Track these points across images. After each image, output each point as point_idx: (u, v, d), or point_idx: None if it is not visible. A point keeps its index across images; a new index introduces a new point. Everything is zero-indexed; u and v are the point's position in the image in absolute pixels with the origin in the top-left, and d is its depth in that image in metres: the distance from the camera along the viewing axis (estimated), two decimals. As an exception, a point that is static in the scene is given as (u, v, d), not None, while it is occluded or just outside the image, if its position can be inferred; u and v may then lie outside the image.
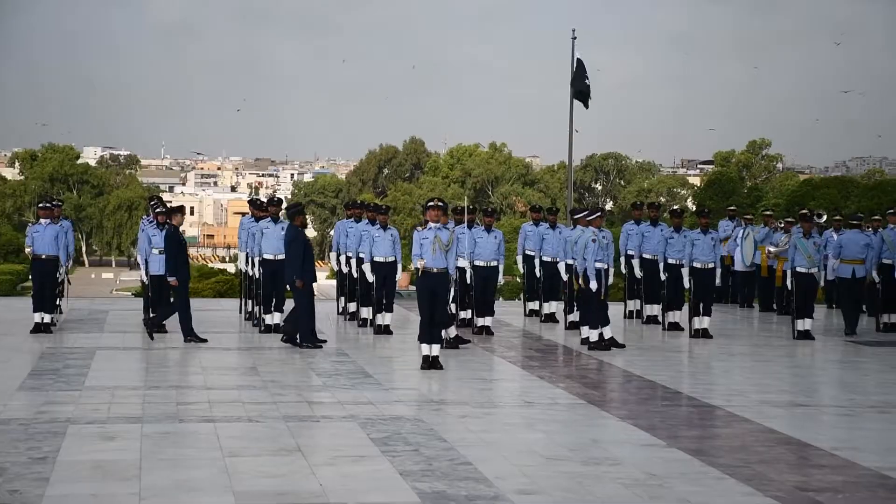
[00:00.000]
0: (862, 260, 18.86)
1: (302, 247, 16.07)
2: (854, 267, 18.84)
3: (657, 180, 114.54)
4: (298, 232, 16.22)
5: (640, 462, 9.00)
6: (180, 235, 16.77)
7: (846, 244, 18.81)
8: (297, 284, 15.92)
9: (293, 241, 16.11)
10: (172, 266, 16.55)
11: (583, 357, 15.55)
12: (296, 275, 15.96)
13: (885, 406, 11.85)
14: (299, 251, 16.02)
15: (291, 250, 16.11)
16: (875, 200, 55.23)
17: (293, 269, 16.03)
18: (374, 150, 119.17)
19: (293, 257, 16.07)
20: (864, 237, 19.09)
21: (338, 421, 10.51)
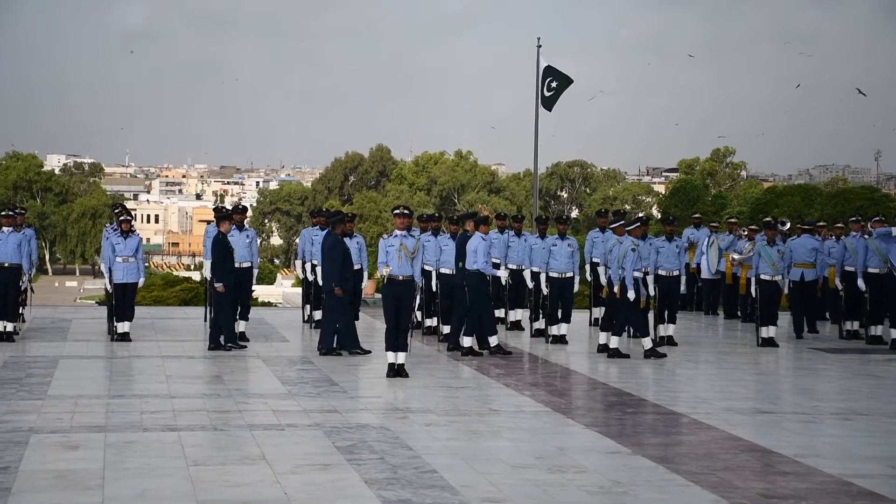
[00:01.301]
0: (811, 264, 19.24)
1: (341, 255, 16.12)
2: (803, 271, 19.23)
3: (622, 188, 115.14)
4: (338, 240, 16.25)
5: (605, 470, 9.01)
6: (227, 242, 16.71)
7: (795, 248, 19.16)
8: (336, 292, 15.98)
9: (332, 249, 16.16)
10: (219, 272, 16.50)
11: (548, 365, 15.57)
12: (334, 282, 16.01)
13: (848, 413, 11.93)
14: (338, 259, 16.07)
15: (330, 257, 16.15)
16: (838, 208, 55.60)
17: (332, 277, 16.08)
18: (339, 157, 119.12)
19: (332, 264, 16.11)
20: (814, 242, 19.42)
21: (303, 429, 10.47)
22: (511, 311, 19.73)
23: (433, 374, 14.29)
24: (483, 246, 16.07)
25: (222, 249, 16.55)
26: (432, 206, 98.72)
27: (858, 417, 11.66)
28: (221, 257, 16.53)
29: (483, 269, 16.10)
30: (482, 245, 16.07)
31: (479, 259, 16.02)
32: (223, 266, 16.53)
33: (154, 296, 34.35)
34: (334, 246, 16.13)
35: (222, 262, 16.51)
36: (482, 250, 16.05)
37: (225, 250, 16.54)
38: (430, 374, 14.26)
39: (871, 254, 18.12)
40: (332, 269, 16.07)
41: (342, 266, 16.04)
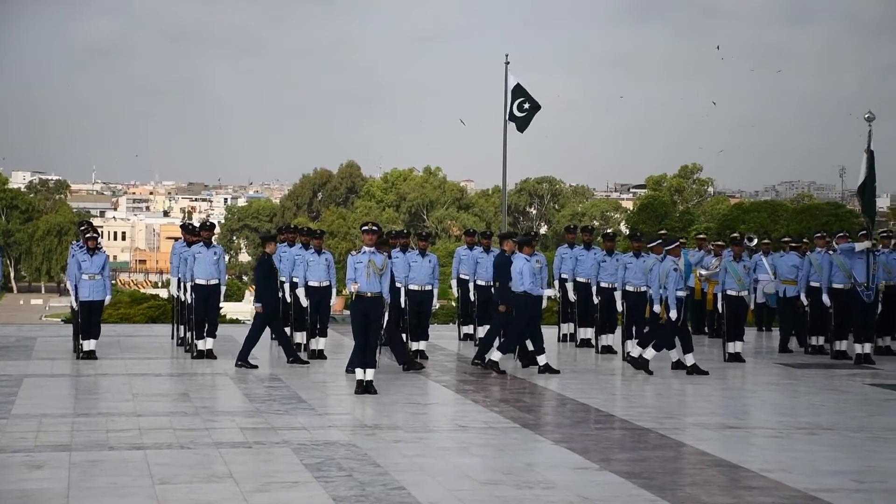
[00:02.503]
0: (793, 280, 19.53)
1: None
2: (786, 287, 19.86)
3: (591, 204, 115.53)
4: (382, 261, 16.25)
5: (573, 485, 9.02)
6: (272, 263, 16.70)
7: (780, 265, 19.62)
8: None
9: None
10: (261, 292, 16.50)
11: (517, 381, 15.59)
12: None
13: (814, 427, 12.00)
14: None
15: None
16: (803, 224, 56.11)
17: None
18: (308, 174, 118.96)
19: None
20: (796, 259, 19.70)
21: (271, 447, 10.42)
22: (480, 327, 19.72)
23: (402, 391, 14.28)
24: (528, 267, 16.13)
25: (266, 270, 16.58)
26: (401, 222, 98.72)
27: (824, 432, 11.74)
28: (264, 279, 16.56)
29: (530, 291, 16.13)
30: (527, 266, 16.13)
31: (526, 281, 16.08)
32: (265, 288, 16.56)
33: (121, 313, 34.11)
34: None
35: (265, 284, 16.54)
36: (528, 272, 16.10)
37: (268, 271, 16.57)
38: (399, 391, 14.25)
39: (836, 269, 18.26)
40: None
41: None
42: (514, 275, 16.16)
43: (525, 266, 16.10)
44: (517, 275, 16.13)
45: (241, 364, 16.31)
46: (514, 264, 16.24)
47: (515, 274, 16.15)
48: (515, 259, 16.29)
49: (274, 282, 16.81)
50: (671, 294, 16.18)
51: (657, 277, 16.34)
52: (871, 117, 18.41)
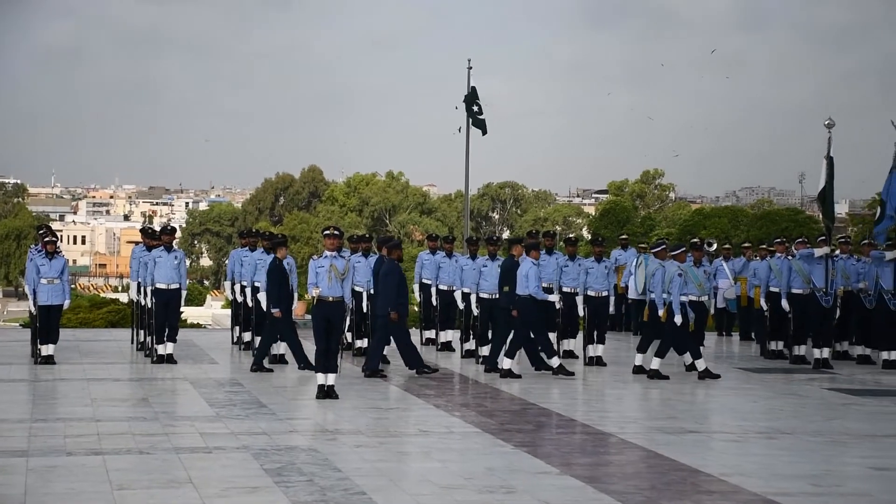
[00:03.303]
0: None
1: (397, 280, 16.21)
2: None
3: (553, 209, 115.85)
4: (395, 265, 16.36)
5: (534, 490, 9.04)
6: (284, 268, 16.65)
7: (760, 270, 19.61)
8: (392, 317, 16.07)
9: (389, 275, 16.23)
10: (276, 297, 16.42)
11: (479, 385, 15.60)
12: (390, 307, 16.09)
13: (772, 432, 12.09)
14: (394, 284, 16.17)
15: (387, 283, 16.22)
16: (763, 230, 56.45)
17: (387, 302, 16.14)
18: (270, 178, 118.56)
19: (387, 289, 16.20)
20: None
21: (231, 452, 10.37)
22: (442, 332, 19.75)
23: (363, 396, 14.26)
24: (534, 271, 16.19)
25: (278, 275, 16.58)
26: (364, 227, 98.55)
27: (782, 436, 11.82)
28: (277, 283, 16.57)
29: (535, 294, 16.18)
30: (533, 270, 16.18)
31: (531, 284, 16.13)
32: (279, 292, 16.54)
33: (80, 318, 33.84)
34: (390, 272, 16.28)
35: (278, 289, 16.53)
36: (533, 275, 16.15)
37: (281, 276, 16.56)
38: (361, 396, 14.22)
39: (795, 275, 18.40)
40: (387, 294, 16.21)
41: (398, 291, 16.20)
42: (520, 278, 16.25)
43: (531, 270, 16.17)
44: (523, 278, 16.21)
45: (305, 367, 16.29)
46: (521, 268, 16.32)
47: (521, 277, 16.24)
48: (522, 263, 16.38)
49: (287, 286, 16.78)
50: (675, 298, 16.26)
51: (660, 282, 16.41)
52: (831, 124, 18.58)
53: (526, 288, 16.15)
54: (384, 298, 16.27)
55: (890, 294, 18.25)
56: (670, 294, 16.27)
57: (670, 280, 16.27)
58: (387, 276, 16.26)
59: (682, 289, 16.29)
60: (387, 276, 16.26)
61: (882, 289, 18.31)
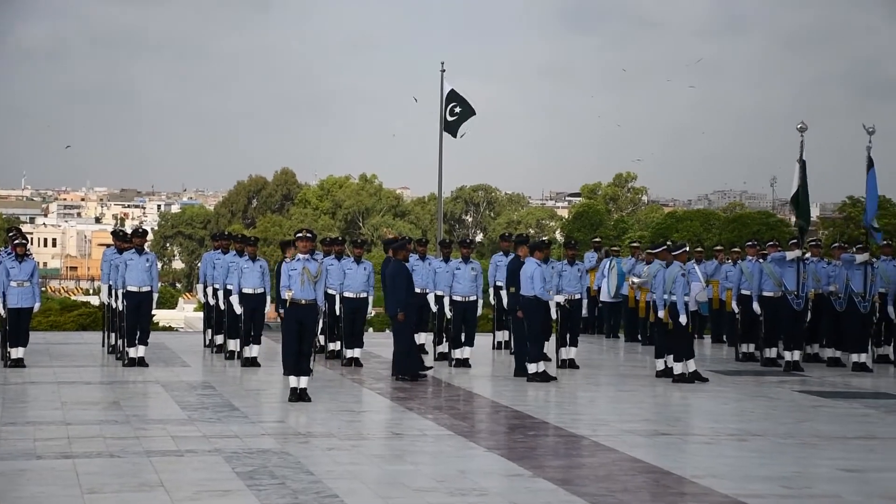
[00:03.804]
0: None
1: (405, 281, 16.21)
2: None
3: (526, 212, 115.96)
4: (401, 266, 16.33)
5: (506, 492, 9.05)
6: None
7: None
8: (399, 317, 16.07)
9: (396, 276, 16.20)
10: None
11: (452, 388, 15.60)
12: (399, 307, 16.09)
13: (743, 434, 12.14)
14: (402, 285, 16.16)
15: (394, 284, 16.21)
16: (735, 233, 56.70)
17: (395, 303, 16.14)
18: (243, 180, 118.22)
19: (395, 290, 16.19)
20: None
21: (202, 455, 10.33)
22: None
23: (336, 399, 14.23)
24: (539, 272, 16.20)
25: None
26: (337, 229, 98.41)
27: (753, 438, 11.88)
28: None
29: (540, 295, 16.19)
30: (538, 271, 16.19)
31: (536, 285, 16.13)
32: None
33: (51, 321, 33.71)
34: (398, 272, 16.26)
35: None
36: (538, 276, 16.17)
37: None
38: (333, 399, 14.20)
39: (766, 277, 18.49)
40: (395, 296, 16.20)
41: (405, 292, 16.18)
42: (525, 279, 16.28)
43: (536, 270, 16.20)
44: (527, 279, 16.23)
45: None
46: (525, 268, 16.34)
47: (526, 278, 16.26)
48: (527, 263, 16.40)
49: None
50: (680, 299, 16.30)
51: (661, 283, 16.45)
52: (804, 127, 18.69)
53: (531, 289, 16.19)
54: (392, 299, 16.30)
55: (860, 297, 18.37)
56: (673, 295, 16.31)
57: (673, 280, 16.32)
58: (394, 278, 16.29)
59: (684, 289, 16.34)
60: (394, 277, 16.30)
61: (852, 292, 18.43)
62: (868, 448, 11.46)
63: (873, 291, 18.53)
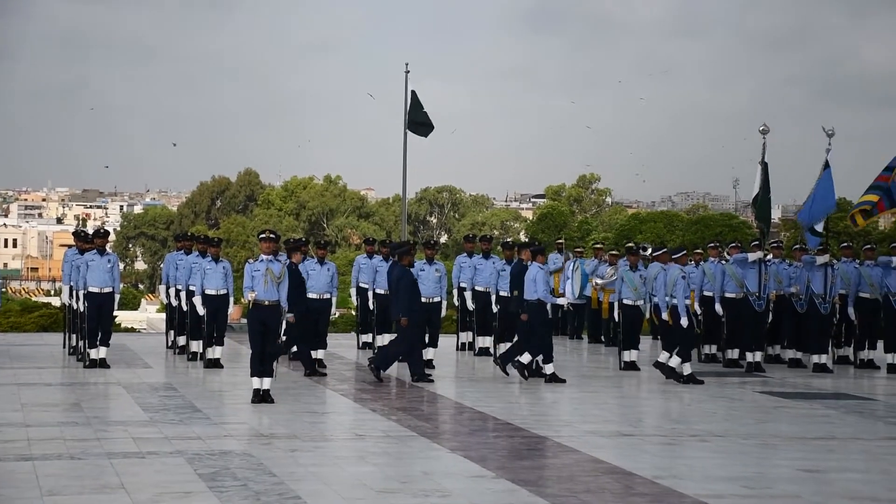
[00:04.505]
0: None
1: (409, 286, 16.25)
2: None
3: (491, 213, 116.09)
4: (406, 271, 16.35)
5: (469, 493, 9.05)
6: (298, 273, 16.61)
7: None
8: (402, 322, 16.09)
9: (401, 279, 16.22)
10: (406, 306, 16.29)
11: (415, 389, 15.60)
12: (402, 312, 16.10)
13: (706, 435, 12.21)
14: (406, 289, 16.19)
15: (399, 289, 16.23)
16: (698, 234, 57.09)
17: (400, 307, 16.16)
18: (206, 181, 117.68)
19: (399, 295, 16.22)
20: None
21: (164, 457, 10.27)
22: (379, 336, 19.70)
23: (299, 400, 14.19)
24: (542, 275, 16.30)
25: (295, 280, 16.44)
26: (301, 230, 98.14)
27: (715, 439, 11.95)
28: (294, 288, 16.39)
29: (543, 298, 16.27)
30: (541, 274, 16.29)
31: (540, 288, 16.21)
32: (296, 297, 16.43)
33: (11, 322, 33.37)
34: (402, 276, 16.28)
35: (295, 293, 16.39)
36: (541, 280, 16.26)
37: (297, 280, 16.52)
38: (296, 400, 14.16)
39: (728, 279, 18.61)
40: (399, 300, 16.22)
41: (410, 297, 16.20)
42: (528, 282, 16.37)
43: (539, 274, 16.30)
44: (531, 282, 16.32)
45: (311, 373, 16.54)
46: (529, 272, 16.43)
47: (529, 281, 16.35)
48: (530, 267, 16.47)
49: (303, 290, 16.80)
50: (680, 301, 16.36)
51: (662, 286, 16.51)
52: (766, 130, 18.83)
53: (535, 293, 16.25)
54: (397, 304, 16.34)
55: (820, 298, 18.52)
56: (674, 297, 16.38)
57: (674, 283, 16.40)
58: (398, 282, 16.33)
59: (685, 291, 16.42)
60: (398, 281, 16.34)
61: (813, 293, 18.57)
62: (828, 448, 11.56)
63: (833, 293, 18.69)
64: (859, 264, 19.24)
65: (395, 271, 16.58)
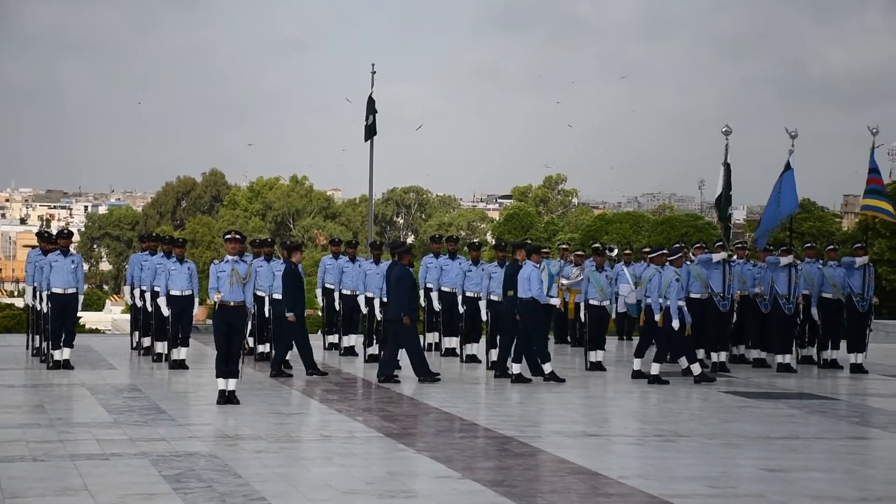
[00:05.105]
0: None
1: (409, 285, 16.31)
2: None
3: (457, 214, 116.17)
4: (406, 271, 16.41)
5: (435, 494, 9.05)
6: (299, 272, 16.76)
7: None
8: (405, 321, 16.12)
9: (401, 280, 16.26)
10: (291, 302, 16.48)
11: (382, 390, 15.58)
12: (404, 312, 16.13)
13: (670, 434, 12.27)
14: (406, 289, 16.26)
15: (398, 288, 16.26)
16: (664, 235, 57.40)
17: (399, 306, 16.19)
18: (171, 182, 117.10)
19: (400, 294, 16.25)
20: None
21: (128, 458, 10.21)
22: (345, 337, 19.69)
23: (265, 401, 14.15)
24: (536, 274, 16.32)
25: (294, 280, 16.71)
26: (267, 231, 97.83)
27: (680, 439, 12.00)
28: (293, 288, 16.67)
29: (538, 298, 16.27)
30: (535, 273, 16.31)
31: (534, 288, 16.23)
32: (294, 297, 16.68)
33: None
34: (402, 277, 16.27)
35: (293, 293, 16.63)
36: (535, 279, 16.28)
37: (296, 281, 16.70)
38: (262, 401, 14.11)
39: (693, 279, 18.69)
40: (399, 299, 16.22)
41: (410, 296, 16.26)
42: (522, 282, 16.37)
43: (534, 273, 16.33)
44: (525, 281, 16.34)
45: (313, 372, 16.61)
46: (523, 271, 16.45)
47: (523, 280, 16.36)
48: (524, 266, 16.48)
49: (302, 290, 16.95)
50: (673, 304, 16.40)
51: (657, 287, 16.55)
52: (728, 131, 18.94)
53: (528, 291, 16.27)
54: (396, 304, 16.31)
55: (784, 299, 18.64)
56: (667, 299, 16.43)
57: (668, 285, 16.45)
58: (399, 282, 16.30)
59: (679, 294, 16.47)
60: (399, 281, 16.31)
61: (777, 293, 18.69)
62: (791, 448, 11.64)
63: (797, 293, 18.81)
64: (822, 265, 19.38)
65: (395, 271, 16.56)
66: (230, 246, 14.20)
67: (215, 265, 14.16)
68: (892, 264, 42.10)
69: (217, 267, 14.10)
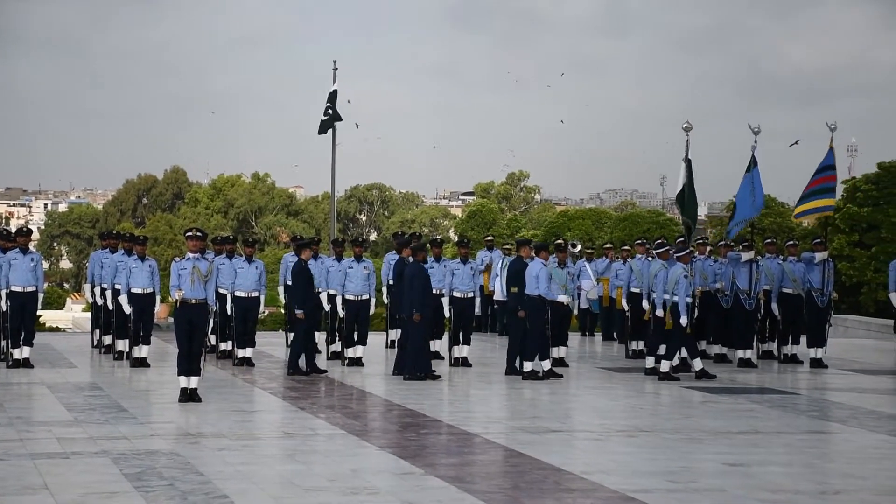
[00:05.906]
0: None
1: (423, 282, 16.25)
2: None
3: (420, 211, 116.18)
4: (420, 267, 16.34)
5: (397, 490, 9.05)
6: (309, 269, 16.76)
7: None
8: (416, 318, 16.11)
9: (415, 277, 16.20)
10: (301, 299, 16.51)
11: (344, 387, 15.57)
12: (416, 308, 16.08)
13: (633, 430, 12.33)
14: (420, 286, 16.20)
15: (412, 286, 16.22)
16: (626, 231, 57.59)
17: (411, 303, 16.17)
18: (132, 179, 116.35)
19: (413, 291, 16.21)
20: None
21: (89, 457, 10.14)
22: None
23: (227, 399, 14.09)
24: (544, 272, 16.34)
25: (304, 277, 16.72)
26: (229, 228, 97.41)
27: (642, 434, 12.07)
28: (303, 285, 16.66)
29: (545, 294, 16.32)
30: (543, 271, 16.32)
31: (542, 284, 16.24)
32: (304, 294, 16.68)
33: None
34: (416, 274, 16.23)
35: (304, 290, 16.64)
36: (543, 276, 16.27)
37: (307, 278, 16.72)
38: (224, 399, 14.06)
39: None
40: (412, 296, 16.19)
41: (423, 294, 16.22)
42: (530, 279, 16.38)
43: (541, 270, 16.33)
44: (532, 278, 16.35)
45: (294, 372, 16.44)
46: (530, 268, 16.44)
47: (531, 278, 16.37)
48: (532, 263, 16.48)
49: (311, 287, 16.98)
50: (682, 300, 16.41)
51: (662, 282, 16.55)
52: (689, 127, 19.04)
53: (536, 288, 16.30)
54: (409, 301, 16.29)
55: (745, 294, 18.76)
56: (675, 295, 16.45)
57: (675, 281, 16.45)
58: (413, 279, 16.27)
59: (687, 290, 16.48)
60: (412, 278, 16.28)
61: (738, 289, 18.80)
62: (752, 443, 11.73)
63: (758, 289, 18.93)
64: (783, 260, 19.52)
65: (409, 268, 16.53)
66: (191, 243, 14.14)
67: (176, 262, 14.08)
68: (851, 260, 42.47)
69: (178, 264, 14.03)
